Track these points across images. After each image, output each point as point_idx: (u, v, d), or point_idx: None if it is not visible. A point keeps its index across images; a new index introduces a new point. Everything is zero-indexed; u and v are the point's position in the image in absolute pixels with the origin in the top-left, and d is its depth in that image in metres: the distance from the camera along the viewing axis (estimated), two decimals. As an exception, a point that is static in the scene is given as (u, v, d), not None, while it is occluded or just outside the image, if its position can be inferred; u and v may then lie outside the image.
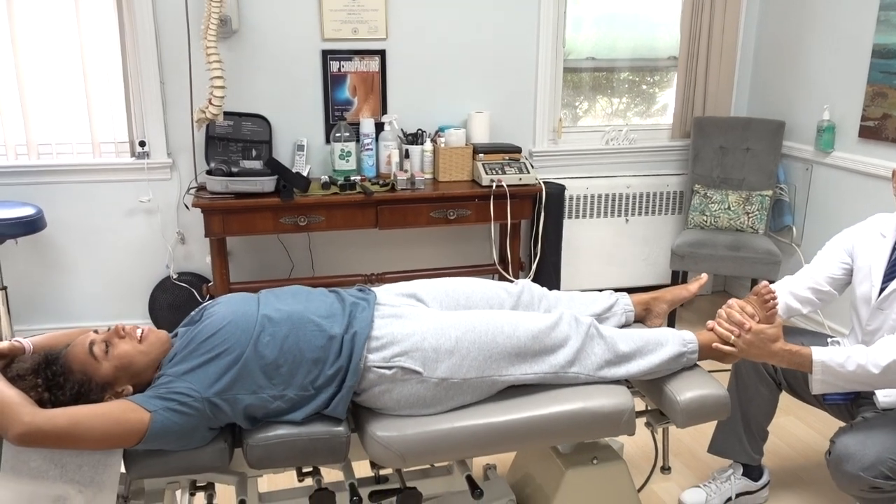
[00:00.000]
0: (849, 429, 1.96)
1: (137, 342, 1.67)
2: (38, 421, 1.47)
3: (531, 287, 2.06)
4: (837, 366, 1.86)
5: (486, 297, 1.98)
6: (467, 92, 3.68)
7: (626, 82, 4.05)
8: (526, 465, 2.17)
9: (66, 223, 3.40)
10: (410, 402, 1.73)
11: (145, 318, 3.56)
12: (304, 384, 1.69)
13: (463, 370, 1.74)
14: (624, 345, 1.88)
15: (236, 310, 1.74)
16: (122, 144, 3.42)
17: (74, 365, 1.62)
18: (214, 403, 1.61)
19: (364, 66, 3.50)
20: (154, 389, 1.62)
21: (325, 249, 3.69)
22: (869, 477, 1.84)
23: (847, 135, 3.42)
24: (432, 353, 1.72)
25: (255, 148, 3.40)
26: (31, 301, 3.46)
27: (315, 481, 1.81)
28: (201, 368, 1.63)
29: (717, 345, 1.93)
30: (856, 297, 2.12)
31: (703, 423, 1.91)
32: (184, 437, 1.60)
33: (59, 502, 1.53)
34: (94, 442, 1.52)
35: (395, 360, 1.71)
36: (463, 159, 3.46)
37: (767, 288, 1.92)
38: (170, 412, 1.57)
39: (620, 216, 3.93)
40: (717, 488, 2.34)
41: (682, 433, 2.76)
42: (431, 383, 1.72)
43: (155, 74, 3.30)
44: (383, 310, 1.84)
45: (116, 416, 1.54)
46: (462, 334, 1.76)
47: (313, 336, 1.71)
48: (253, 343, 1.66)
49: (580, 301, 2.08)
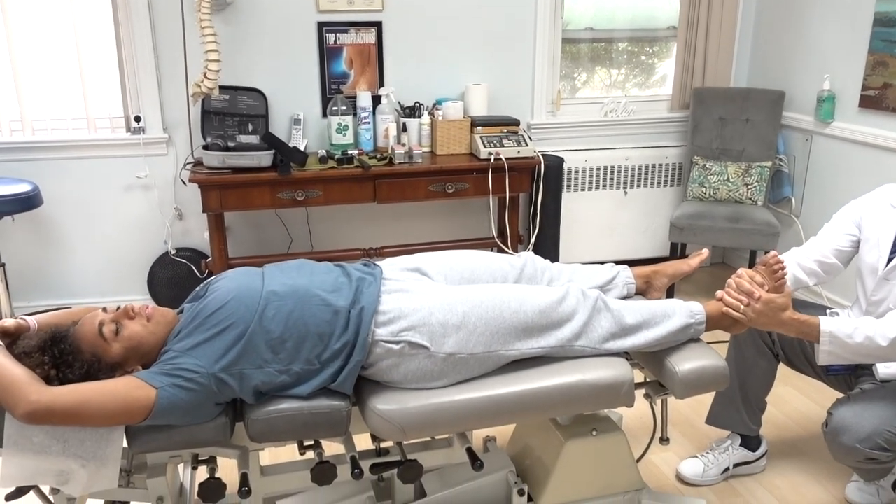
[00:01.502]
0: (846, 400, 1.97)
1: (146, 321, 1.67)
2: (44, 399, 1.47)
3: (534, 259, 2.06)
4: (845, 336, 1.86)
5: (490, 271, 1.98)
6: (465, 64, 3.64)
7: (625, 53, 4.01)
8: (525, 437, 2.19)
9: (63, 199, 3.38)
10: (418, 376, 1.73)
11: (144, 295, 3.57)
12: (310, 358, 1.69)
13: (470, 345, 1.74)
14: (630, 317, 1.88)
15: (240, 284, 1.74)
16: (117, 120, 3.39)
17: (84, 345, 1.62)
18: (220, 379, 1.62)
19: (360, 39, 3.47)
20: (160, 366, 1.62)
21: (324, 224, 3.69)
22: (865, 448, 1.85)
23: (847, 105, 3.40)
24: (440, 329, 1.73)
25: (252, 122, 3.37)
26: (30, 278, 3.46)
27: (316, 454, 1.82)
28: (206, 344, 1.63)
29: (726, 310, 1.92)
30: (862, 266, 2.11)
31: (701, 393, 1.92)
32: (190, 412, 1.61)
33: (63, 477, 1.54)
34: (101, 419, 1.53)
35: (402, 335, 1.71)
36: (461, 132, 3.43)
37: (776, 258, 1.92)
38: (176, 388, 1.57)
39: (619, 188, 3.92)
40: (714, 458, 2.36)
41: (680, 404, 2.78)
42: (439, 358, 1.73)
43: (149, 48, 3.26)
44: (389, 284, 1.84)
45: (123, 393, 1.54)
46: (469, 309, 1.76)
47: (319, 310, 1.71)
48: (258, 317, 1.66)
49: (582, 274, 2.08)
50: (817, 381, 2.25)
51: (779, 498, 2.29)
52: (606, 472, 2.05)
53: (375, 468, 1.88)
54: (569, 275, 2.06)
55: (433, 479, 2.07)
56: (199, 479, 1.79)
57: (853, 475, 2.30)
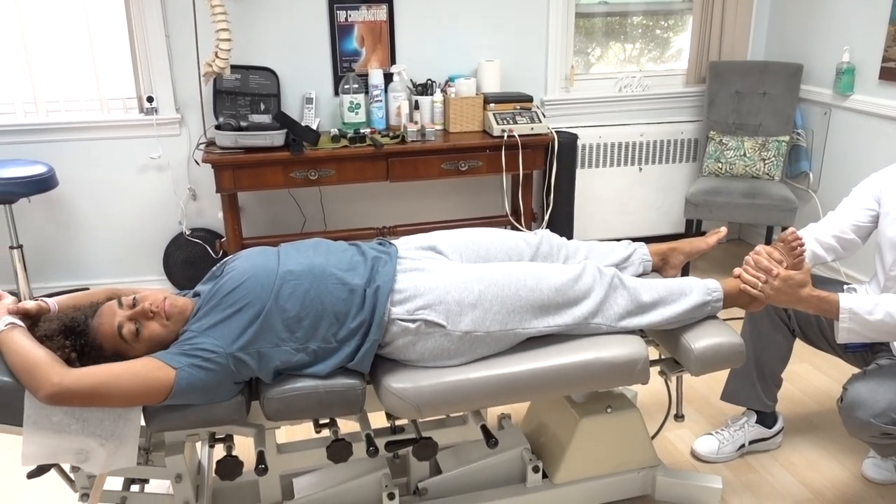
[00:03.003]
0: (861, 376, 1.95)
1: (165, 320, 1.67)
2: (66, 381, 1.49)
3: (550, 237, 2.05)
4: (865, 313, 1.84)
5: (506, 249, 1.97)
6: (477, 40, 3.60)
7: (640, 27, 3.95)
8: (540, 415, 2.19)
9: (78, 181, 3.40)
10: (434, 354, 1.74)
11: (160, 276, 3.59)
12: (327, 336, 1.70)
13: (486, 323, 1.74)
14: (647, 294, 1.87)
15: (256, 263, 1.74)
16: (129, 101, 3.39)
17: (106, 344, 1.64)
18: (238, 358, 1.63)
19: (371, 16, 3.44)
20: (179, 346, 1.64)
21: (337, 203, 3.68)
22: (880, 423, 1.84)
23: (867, 77, 3.34)
24: (455, 307, 1.73)
25: (264, 101, 3.36)
26: (47, 259, 3.49)
27: (332, 432, 1.83)
28: (224, 323, 1.64)
29: (744, 287, 1.91)
30: (882, 241, 2.08)
31: (717, 371, 1.91)
32: (209, 391, 1.62)
33: (82, 455, 1.56)
34: (122, 400, 1.55)
35: (418, 313, 1.72)
36: (473, 109, 3.41)
37: (794, 234, 1.90)
38: (194, 368, 1.58)
39: (634, 165, 3.88)
40: (730, 436, 2.35)
41: (695, 381, 2.77)
42: (455, 336, 1.73)
43: (160, 28, 3.25)
44: (405, 263, 1.84)
45: (143, 374, 1.55)
46: (485, 287, 1.76)
47: (335, 289, 1.72)
48: (274, 296, 1.67)
49: (598, 251, 2.07)
50: (834, 357, 2.24)
51: (794, 474, 2.28)
52: (621, 448, 2.06)
53: (391, 446, 1.89)
54: (584, 252, 2.05)
55: (448, 456, 2.08)
56: (217, 457, 1.82)
57: (870, 451, 2.29)
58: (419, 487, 2.01)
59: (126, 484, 1.88)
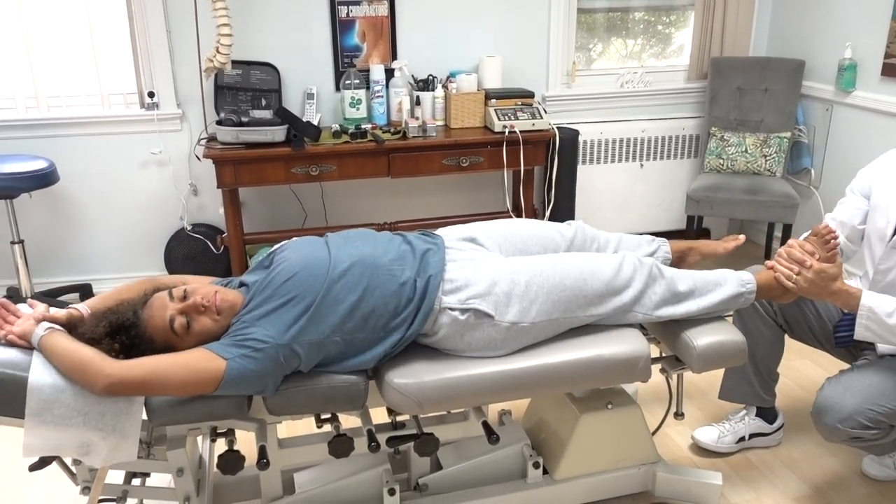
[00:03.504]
0: (833, 380, 1.94)
1: (216, 315, 1.67)
2: (120, 373, 1.51)
3: (584, 228, 2.08)
4: (885, 315, 1.83)
5: (542, 240, 2.01)
6: (478, 36, 3.60)
7: (642, 23, 3.95)
8: (541, 411, 2.20)
9: (79, 176, 3.40)
10: (482, 344, 1.77)
11: (162, 271, 3.59)
12: (376, 327, 1.72)
13: (532, 314, 1.77)
14: (683, 284, 1.90)
15: (307, 255, 1.75)
16: (130, 96, 3.39)
17: (157, 336, 1.65)
18: (290, 348, 1.64)
19: (372, 11, 3.43)
20: (231, 336, 1.65)
21: (338, 199, 3.68)
22: (847, 428, 1.84)
23: (869, 73, 3.33)
24: (504, 298, 1.76)
25: (265, 97, 3.36)
26: (48, 254, 3.49)
27: (333, 427, 1.83)
28: (276, 313, 1.65)
29: (778, 276, 1.92)
30: (871, 233, 2.08)
31: (719, 368, 1.91)
32: (258, 382, 1.63)
33: (84, 449, 1.56)
34: (174, 389, 1.57)
35: (469, 303, 1.74)
36: (475, 105, 3.40)
37: (828, 227, 1.91)
38: (245, 359, 1.60)
39: (635, 161, 3.88)
40: (731, 427, 2.36)
41: (696, 378, 2.77)
42: (503, 327, 1.75)
43: (161, 23, 3.25)
44: (452, 253, 1.86)
45: (193, 365, 1.57)
46: (531, 278, 1.79)
47: (386, 280, 1.73)
48: (326, 288, 1.68)
49: (626, 244, 2.10)
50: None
51: (795, 471, 2.29)
52: (621, 445, 2.06)
53: (392, 441, 1.89)
54: (615, 244, 2.09)
55: (449, 451, 2.08)
56: (218, 452, 1.82)
57: None
58: (420, 483, 2.01)
59: (127, 477, 1.88)
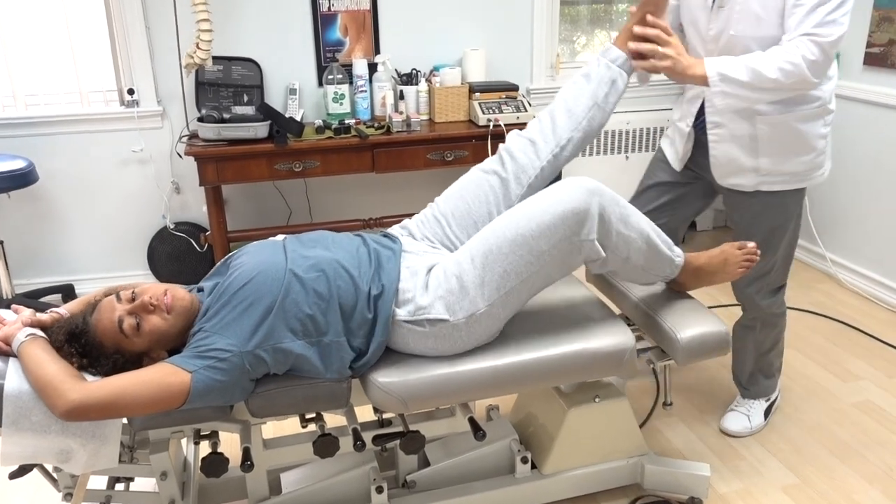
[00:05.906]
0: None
1: (166, 314, 1.63)
2: (79, 397, 1.46)
3: (512, 152, 2.08)
4: (734, 72, 1.87)
5: (482, 199, 1.99)
6: (462, 29, 3.58)
7: (625, 14, 3.93)
8: (528, 405, 2.19)
9: (59, 175, 3.35)
10: (447, 345, 1.74)
11: (145, 270, 3.55)
12: (338, 330, 1.69)
13: (484, 299, 1.71)
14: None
15: (264, 259, 1.72)
16: (110, 93, 3.35)
17: (106, 340, 1.61)
18: (255, 355, 1.61)
19: (354, 4, 3.40)
20: (192, 348, 1.61)
21: (322, 195, 3.66)
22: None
23: (851, 63, 3.33)
24: (452, 296, 1.72)
25: (247, 93, 3.32)
26: (29, 255, 3.45)
27: (318, 427, 1.82)
28: (236, 321, 1.61)
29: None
30: (692, 10, 2.10)
31: (703, 360, 1.91)
32: (226, 392, 1.60)
33: (63, 456, 1.54)
34: (140, 408, 1.52)
35: (419, 314, 1.72)
36: (459, 99, 3.38)
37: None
38: (209, 370, 1.56)
39: (620, 153, 3.87)
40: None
41: (684, 368, 2.77)
42: (461, 324, 1.72)
43: (140, 18, 3.20)
44: (409, 259, 1.83)
45: (157, 381, 1.53)
46: (471, 265, 1.72)
47: (343, 282, 1.71)
48: (284, 291, 1.65)
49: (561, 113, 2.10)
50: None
51: (782, 460, 2.29)
52: (610, 438, 2.06)
53: (378, 440, 1.88)
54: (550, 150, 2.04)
55: (436, 448, 2.08)
56: (202, 454, 1.80)
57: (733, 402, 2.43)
58: (408, 480, 2.00)
59: (111, 482, 1.87)
